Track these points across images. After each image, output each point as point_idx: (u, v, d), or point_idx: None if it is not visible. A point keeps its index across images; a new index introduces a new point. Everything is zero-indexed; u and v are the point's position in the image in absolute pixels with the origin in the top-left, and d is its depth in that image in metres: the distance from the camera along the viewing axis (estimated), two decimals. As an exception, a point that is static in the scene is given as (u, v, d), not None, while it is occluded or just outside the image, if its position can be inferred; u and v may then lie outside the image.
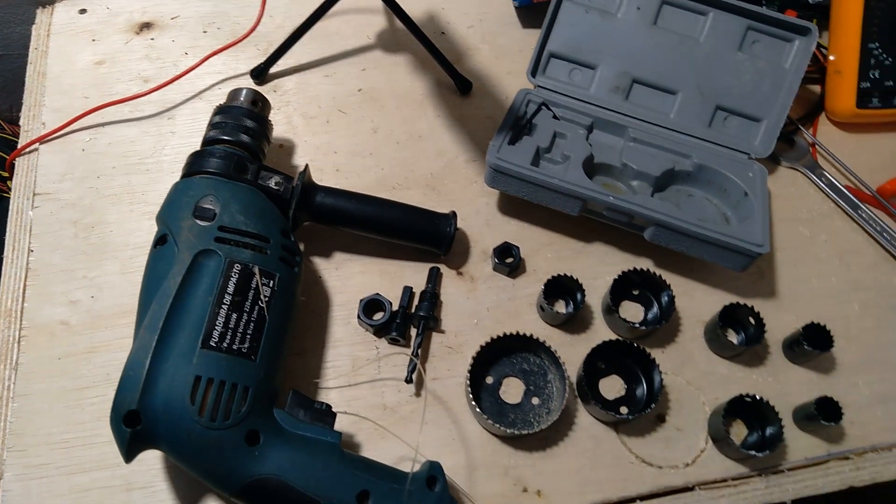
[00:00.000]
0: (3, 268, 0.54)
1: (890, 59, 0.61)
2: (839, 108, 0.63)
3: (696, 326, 0.55)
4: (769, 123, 0.59)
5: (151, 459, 0.48)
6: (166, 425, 0.41)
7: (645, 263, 0.57)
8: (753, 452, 0.48)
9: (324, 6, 0.61)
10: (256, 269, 0.45)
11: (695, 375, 0.54)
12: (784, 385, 0.54)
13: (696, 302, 0.56)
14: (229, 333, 0.43)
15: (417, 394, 0.51)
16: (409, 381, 0.51)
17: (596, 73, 0.60)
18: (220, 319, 0.43)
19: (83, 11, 0.66)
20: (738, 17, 0.58)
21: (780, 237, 0.60)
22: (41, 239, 0.55)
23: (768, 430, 0.50)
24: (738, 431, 0.52)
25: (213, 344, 0.42)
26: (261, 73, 0.63)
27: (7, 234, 0.55)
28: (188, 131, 0.60)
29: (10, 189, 0.58)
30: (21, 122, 0.61)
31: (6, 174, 0.62)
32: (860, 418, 0.53)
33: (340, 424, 0.48)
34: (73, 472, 0.47)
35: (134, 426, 0.40)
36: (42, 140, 0.59)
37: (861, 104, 0.62)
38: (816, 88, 0.67)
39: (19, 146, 0.59)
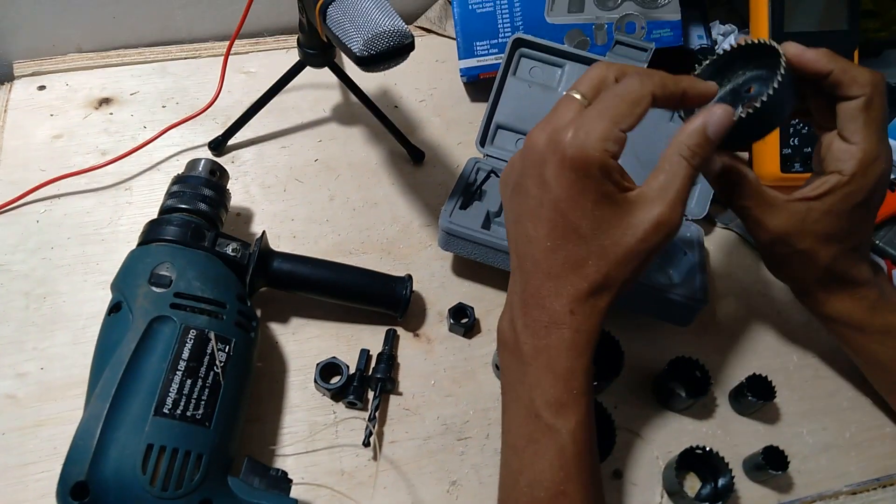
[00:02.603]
0: (-52, 341, 0.53)
1: (806, 128, 0.67)
2: (765, 172, 0.68)
3: (645, 382, 0.57)
4: (703, 188, 0.63)
5: (98, 537, 0.46)
6: (116, 496, 0.40)
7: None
8: (707, 504, 0.49)
9: (281, 81, 0.64)
10: (212, 335, 0.46)
11: (647, 430, 0.55)
12: (733, 436, 0.55)
13: (645, 358, 0.58)
14: (183, 400, 0.43)
15: (375, 458, 0.51)
16: (366, 444, 0.51)
17: (541, 142, 0.64)
18: (175, 386, 0.43)
19: (42, 88, 0.68)
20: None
21: (720, 293, 0.63)
22: (-10, 311, 0.54)
23: (720, 482, 0.51)
24: (692, 484, 0.53)
25: (166, 411, 0.42)
26: (219, 145, 0.65)
27: (-46, 307, 0.54)
28: (145, 202, 0.61)
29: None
30: (-26, 195, 0.60)
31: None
32: (806, 467, 0.54)
33: (297, 491, 0.47)
34: (14, 555, 0.45)
35: (81, 499, 0.39)
36: (-5, 212, 0.59)
37: (784, 168, 0.67)
38: (745, 154, 0.72)
39: (-29, 219, 0.58)
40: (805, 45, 0.46)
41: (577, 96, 0.41)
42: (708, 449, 0.51)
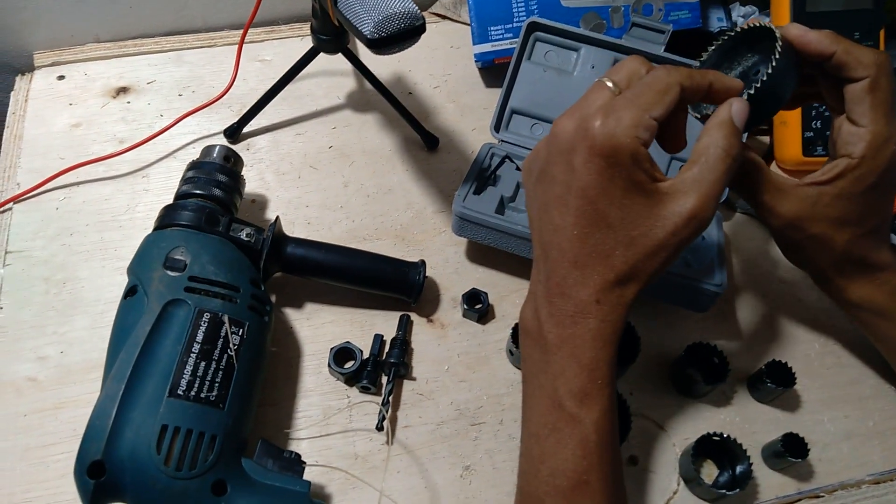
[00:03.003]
0: (-29, 326, 0.54)
1: (829, 111, 0.65)
2: (787, 156, 0.67)
3: (662, 369, 0.56)
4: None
5: (116, 517, 0.46)
6: (131, 476, 0.40)
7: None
8: (724, 492, 0.48)
9: (295, 68, 0.64)
10: (226, 318, 0.46)
11: (664, 417, 0.54)
12: (751, 424, 0.54)
13: (662, 345, 0.57)
14: (197, 382, 0.43)
15: (389, 442, 0.51)
16: (379, 429, 0.51)
17: (556, 127, 0.63)
18: (189, 368, 0.43)
19: (61, 77, 0.69)
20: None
21: (740, 280, 0.62)
22: (11, 296, 0.55)
23: (738, 469, 0.50)
24: (709, 472, 0.52)
25: (180, 392, 0.42)
26: (234, 133, 0.65)
27: (-24, 292, 0.55)
28: (162, 189, 0.62)
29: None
30: (-5, 183, 0.62)
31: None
32: (827, 455, 0.53)
33: (311, 474, 0.48)
34: (34, 533, 0.46)
35: (98, 477, 0.40)
36: (16, 199, 0.60)
37: (807, 152, 0.65)
38: (766, 139, 0.71)
39: (-8, 206, 0.60)
40: (828, 25, 0.45)
41: (609, 84, 0.41)
42: (725, 436, 0.50)
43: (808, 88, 0.48)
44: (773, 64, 0.41)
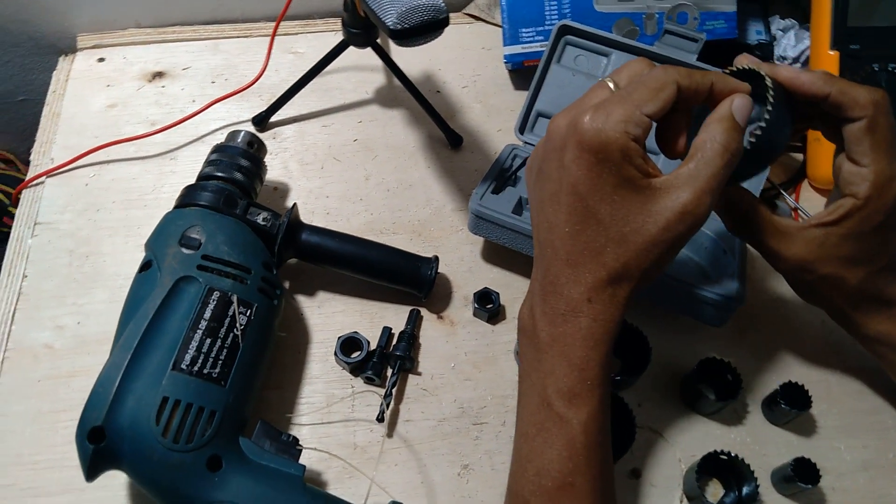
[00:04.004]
0: (-3, 291, 0.56)
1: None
2: (820, 174, 0.65)
3: (673, 382, 0.55)
4: (749, 185, 0.60)
5: (116, 486, 0.47)
6: (130, 444, 0.41)
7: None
8: (728, 511, 0.47)
9: (324, 60, 0.64)
10: (234, 298, 0.47)
11: (671, 431, 0.53)
12: (762, 446, 0.53)
13: (674, 357, 0.56)
14: (201, 358, 0.44)
15: (389, 434, 0.51)
16: (380, 419, 0.51)
17: (581, 131, 0.63)
18: (194, 343, 0.44)
19: (101, 60, 0.71)
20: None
21: (762, 298, 0.60)
22: (36, 265, 0.57)
23: (744, 490, 0.49)
24: (714, 491, 0.51)
25: (184, 367, 0.43)
26: (262, 121, 0.66)
27: (4, 259, 0.57)
28: (188, 171, 0.63)
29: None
30: (31, 157, 0.64)
31: (14, 210, 0.65)
32: (841, 484, 0.51)
33: (309, 461, 0.48)
34: (38, 495, 0.47)
35: (98, 443, 0.40)
36: (49, 174, 0.62)
37: (840, 172, 0.63)
38: (799, 156, 0.69)
39: (27, 178, 0.62)
40: (870, 41, 0.43)
41: (610, 84, 0.41)
42: (734, 455, 0.48)
43: (804, 123, 0.47)
44: (767, 117, 0.40)
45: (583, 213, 0.39)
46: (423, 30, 0.46)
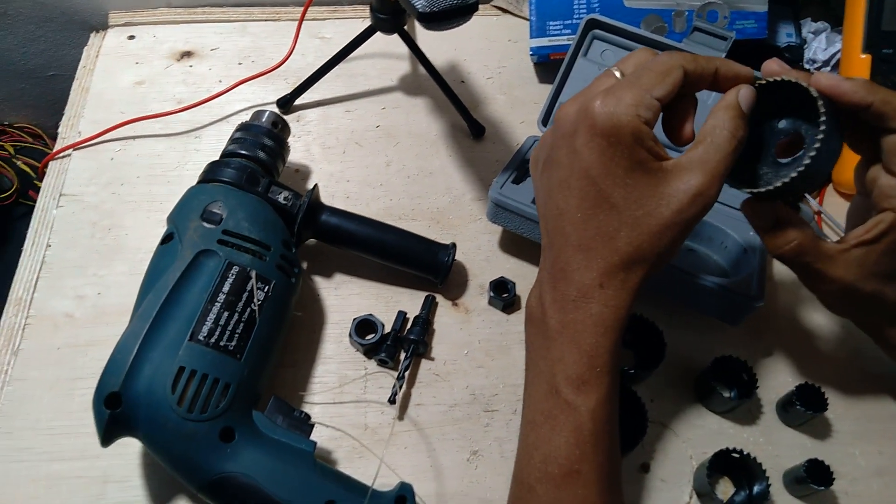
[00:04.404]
0: (21, 259, 0.57)
1: None
2: (845, 179, 0.64)
3: (687, 379, 0.55)
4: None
5: (130, 454, 0.48)
6: (145, 411, 0.41)
7: (639, 312, 0.57)
8: (738, 510, 0.46)
9: (351, 45, 0.65)
10: (253, 273, 0.47)
11: (683, 427, 0.53)
12: (776, 447, 0.52)
13: (690, 354, 0.55)
14: (218, 330, 0.44)
15: (400, 417, 0.51)
16: (392, 401, 0.51)
17: (604, 125, 0.62)
18: (212, 316, 0.44)
19: (132, 38, 0.72)
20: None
21: (782, 301, 0.60)
22: (60, 235, 0.58)
23: (755, 488, 0.48)
24: (725, 489, 0.50)
25: (201, 338, 0.43)
26: (286, 104, 0.67)
27: (29, 228, 0.58)
28: (212, 150, 0.64)
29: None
30: (59, 130, 0.65)
31: (39, 183, 0.66)
32: (855, 489, 0.51)
33: (321, 441, 0.48)
34: (53, 459, 0.48)
35: (114, 408, 0.41)
36: (75, 146, 0.63)
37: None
38: (825, 161, 0.68)
39: (54, 150, 0.62)
40: None
41: (617, 73, 0.41)
42: (745, 453, 0.48)
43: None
44: (821, 136, 0.38)
45: (595, 198, 0.39)
46: (452, 14, 0.46)
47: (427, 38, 0.73)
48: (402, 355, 0.53)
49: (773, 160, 0.43)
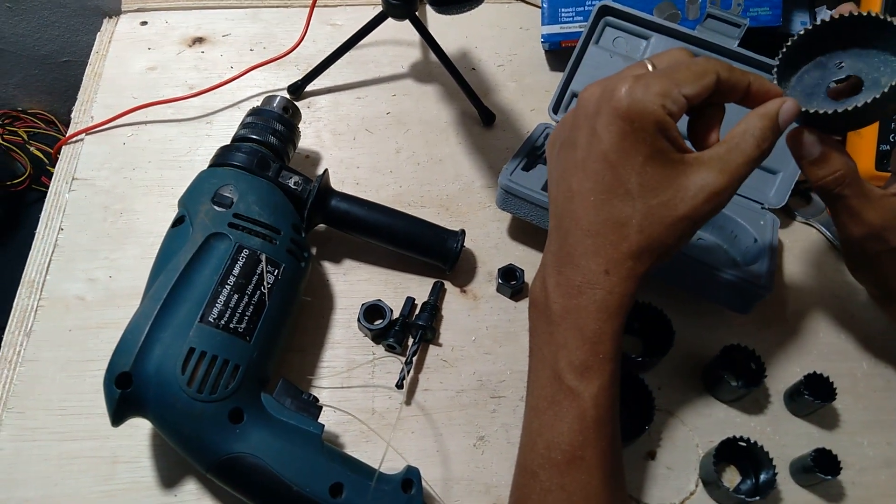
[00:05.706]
0: (34, 242, 0.57)
1: (910, 126, 0.62)
2: (860, 168, 0.63)
3: (695, 367, 0.55)
4: (784, 176, 0.60)
5: (139, 435, 0.49)
6: (155, 391, 0.42)
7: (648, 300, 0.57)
8: (744, 497, 0.46)
9: (362, 31, 0.65)
10: (263, 257, 0.47)
11: (690, 416, 0.53)
12: (782, 436, 0.52)
13: (698, 342, 0.55)
14: (228, 312, 0.45)
15: (408, 402, 0.52)
16: (399, 386, 0.51)
17: (615, 113, 0.62)
18: (222, 298, 0.45)
19: (144, 23, 0.72)
20: (761, 72, 0.60)
21: (791, 288, 0.59)
22: (72, 219, 0.58)
23: (762, 477, 0.48)
24: (731, 477, 0.50)
25: (211, 320, 0.44)
26: (297, 90, 0.67)
27: (42, 212, 0.59)
28: (223, 135, 0.64)
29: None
30: (72, 115, 0.65)
31: (52, 169, 0.66)
32: (862, 480, 0.51)
33: (328, 424, 0.49)
34: (65, 439, 0.48)
35: (125, 388, 0.42)
36: (88, 131, 0.63)
37: (880, 166, 0.62)
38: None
39: (66, 135, 0.63)
40: None
41: (649, 65, 0.40)
42: (752, 441, 0.48)
43: None
44: None
45: (610, 182, 0.38)
46: (463, -2, 0.46)
47: (438, 26, 0.73)
48: (410, 341, 0.53)
49: (823, 98, 0.42)
